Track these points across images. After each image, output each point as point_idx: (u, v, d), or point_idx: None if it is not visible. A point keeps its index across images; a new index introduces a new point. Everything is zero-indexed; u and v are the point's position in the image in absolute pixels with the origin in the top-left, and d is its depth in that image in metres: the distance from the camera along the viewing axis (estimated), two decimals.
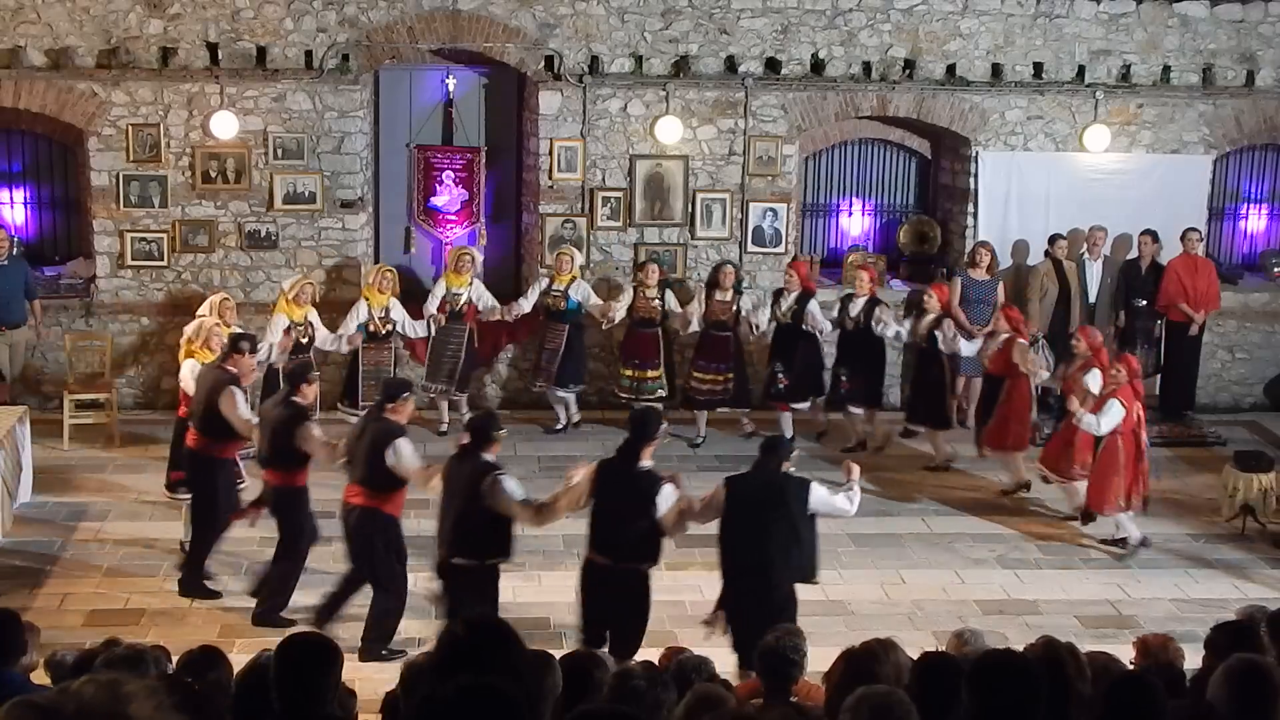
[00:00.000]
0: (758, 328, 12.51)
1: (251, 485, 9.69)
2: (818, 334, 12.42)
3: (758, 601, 7.71)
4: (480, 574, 8.13)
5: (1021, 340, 11.53)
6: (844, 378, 12.38)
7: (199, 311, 10.96)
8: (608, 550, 7.95)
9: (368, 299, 12.23)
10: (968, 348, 12.03)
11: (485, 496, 7.98)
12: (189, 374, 9.95)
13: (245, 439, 9.35)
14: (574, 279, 12.64)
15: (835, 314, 12.45)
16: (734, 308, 12.38)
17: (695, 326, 12.49)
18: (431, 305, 12.51)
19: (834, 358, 12.59)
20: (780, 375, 12.37)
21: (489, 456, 8.15)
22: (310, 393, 9.20)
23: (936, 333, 12.01)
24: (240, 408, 9.19)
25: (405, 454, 8.45)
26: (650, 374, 12.56)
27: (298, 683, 4.43)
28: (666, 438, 9.12)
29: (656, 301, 12.55)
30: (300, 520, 9.12)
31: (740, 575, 7.87)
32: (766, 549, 7.76)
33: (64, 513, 10.78)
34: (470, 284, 12.55)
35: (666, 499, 7.84)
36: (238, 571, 9.69)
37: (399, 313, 12.36)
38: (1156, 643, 6.09)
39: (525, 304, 12.72)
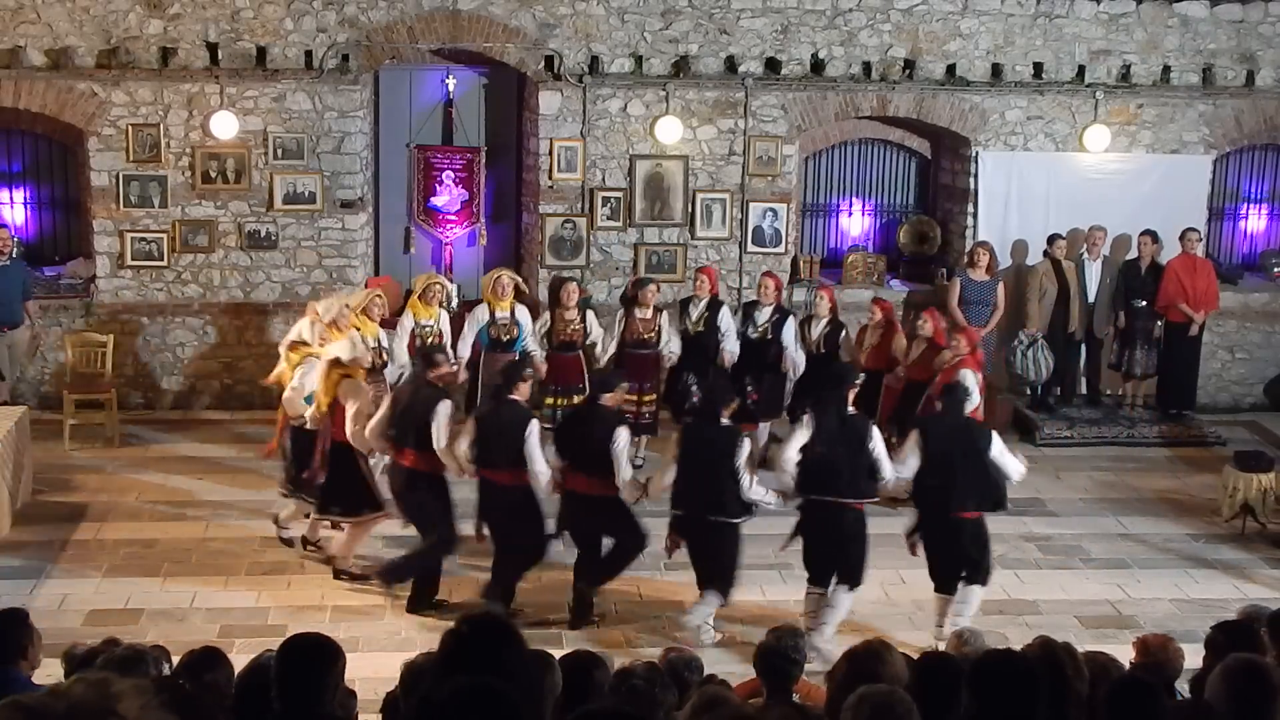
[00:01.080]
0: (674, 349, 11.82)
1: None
2: (721, 346, 11.65)
3: (948, 529, 8.89)
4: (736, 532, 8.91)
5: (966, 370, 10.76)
6: (750, 389, 11.46)
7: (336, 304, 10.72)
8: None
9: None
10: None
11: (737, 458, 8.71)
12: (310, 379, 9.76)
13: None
14: (512, 304, 11.62)
15: (740, 324, 11.77)
16: (656, 326, 11.63)
17: (609, 352, 11.62)
18: (400, 346, 11.23)
19: (735, 368, 11.67)
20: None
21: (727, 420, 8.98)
22: (525, 390, 9.28)
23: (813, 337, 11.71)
24: (448, 425, 9.26)
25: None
26: (577, 399, 11.14)
27: (299, 682, 4.44)
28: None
29: (577, 324, 11.62)
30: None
31: (931, 509, 8.95)
32: (956, 484, 8.76)
33: (64, 513, 10.77)
34: (438, 316, 11.45)
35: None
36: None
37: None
38: (1156, 643, 6.09)
39: (464, 347, 11.53)
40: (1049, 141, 13.60)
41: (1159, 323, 13.33)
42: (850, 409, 8.98)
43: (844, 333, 11.81)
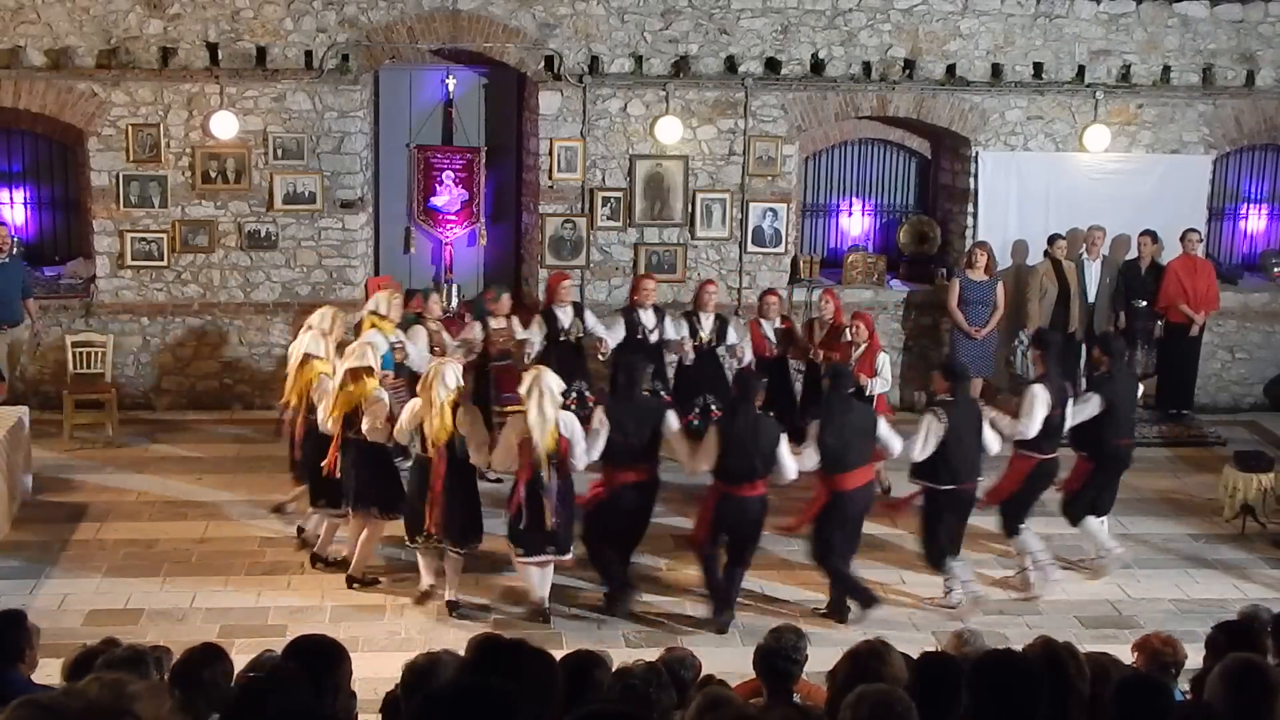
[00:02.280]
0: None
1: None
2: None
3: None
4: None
5: (882, 354, 11.43)
6: (713, 406, 11.15)
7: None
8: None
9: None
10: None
11: None
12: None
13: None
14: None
15: (685, 332, 11.65)
16: (512, 335, 11.40)
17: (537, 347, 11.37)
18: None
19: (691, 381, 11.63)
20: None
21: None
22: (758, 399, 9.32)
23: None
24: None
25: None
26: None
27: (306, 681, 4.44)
28: None
29: (508, 334, 11.41)
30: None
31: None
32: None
33: (64, 513, 10.77)
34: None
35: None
36: None
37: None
38: (1159, 640, 6.09)
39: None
40: (1049, 141, 13.60)
41: (1159, 323, 13.34)
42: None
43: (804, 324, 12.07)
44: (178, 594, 9.47)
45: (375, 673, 7.16)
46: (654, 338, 11.63)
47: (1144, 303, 13.20)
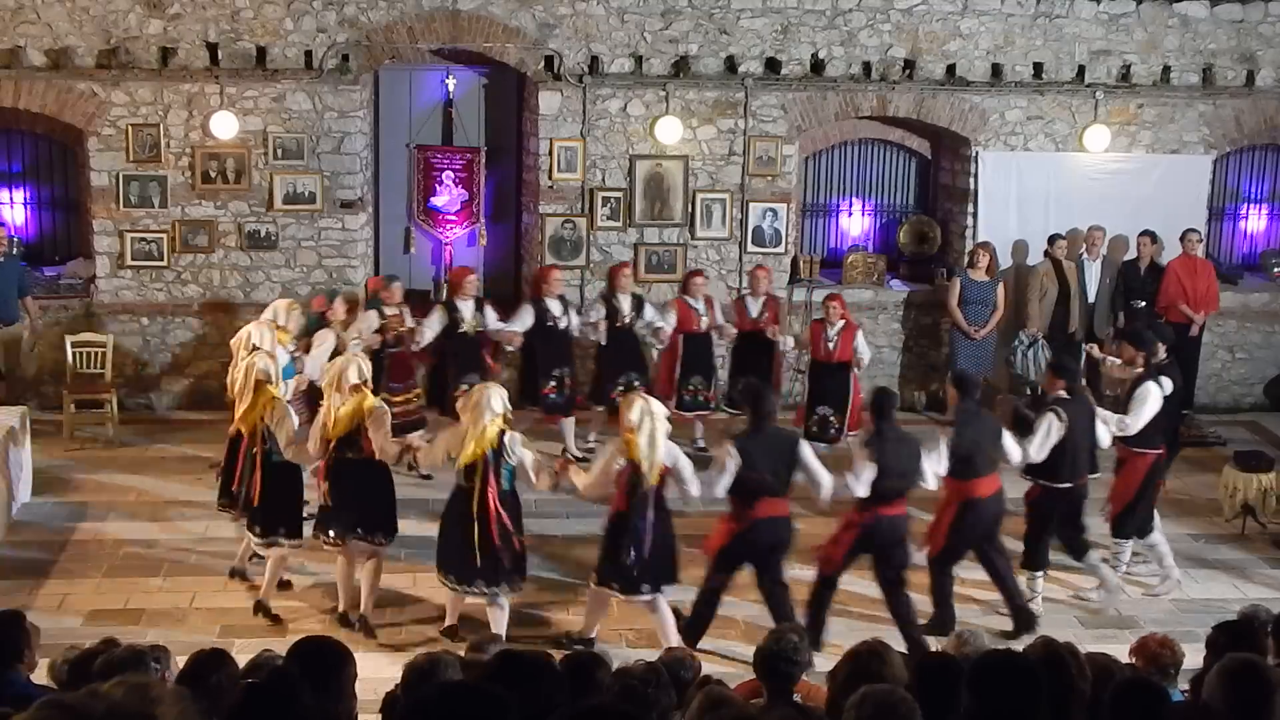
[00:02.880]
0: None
1: None
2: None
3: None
4: None
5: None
6: (637, 383, 11.63)
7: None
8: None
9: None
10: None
11: None
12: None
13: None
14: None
15: (602, 314, 11.97)
16: (406, 323, 11.41)
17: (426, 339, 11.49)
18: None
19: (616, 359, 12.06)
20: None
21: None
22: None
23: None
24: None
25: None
26: (413, 397, 11.36)
27: (310, 684, 4.43)
28: None
29: (401, 321, 11.43)
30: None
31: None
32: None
33: (64, 513, 10.77)
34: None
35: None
36: None
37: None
38: (1156, 643, 6.09)
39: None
40: (1049, 141, 13.60)
41: (1159, 323, 13.32)
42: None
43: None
44: (178, 594, 9.46)
45: (375, 672, 7.15)
46: (561, 325, 11.92)
47: (1143, 303, 13.20)
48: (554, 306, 11.96)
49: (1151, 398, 9.71)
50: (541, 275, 12.25)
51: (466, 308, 11.65)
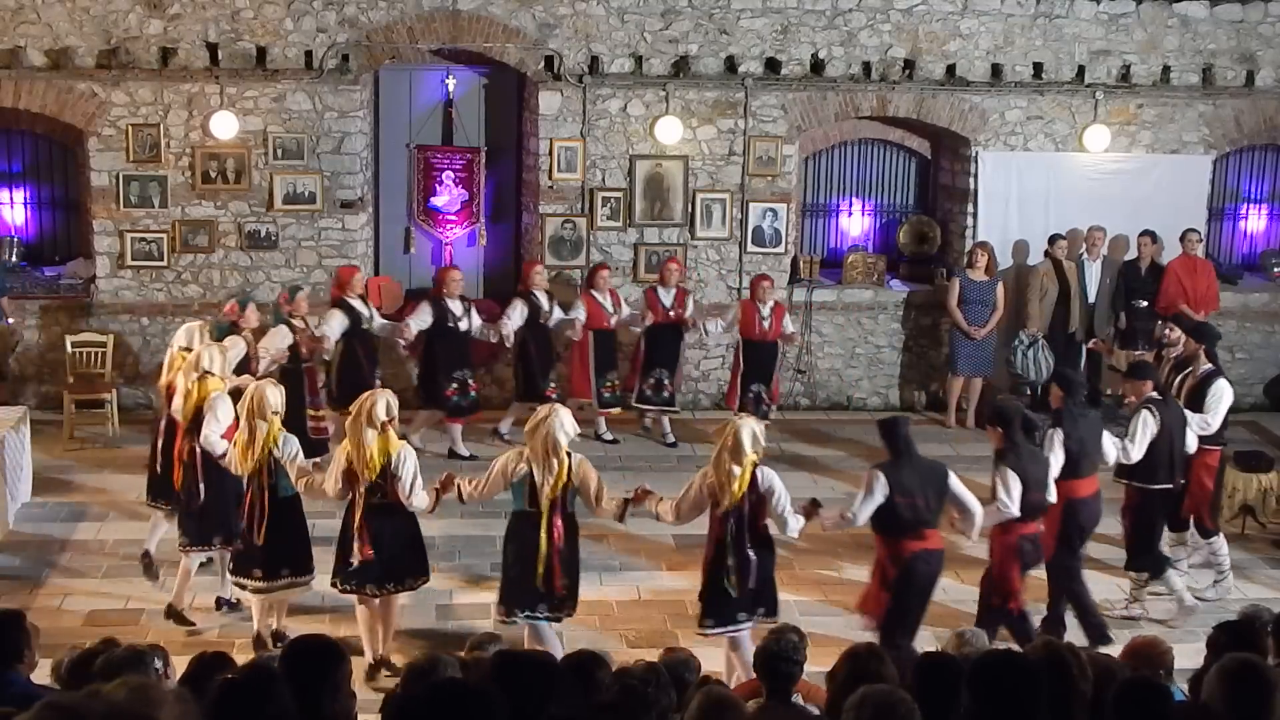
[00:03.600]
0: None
1: None
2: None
3: None
4: None
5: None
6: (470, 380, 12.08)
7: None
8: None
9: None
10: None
11: None
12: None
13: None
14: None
15: (522, 315, 12.05)
16: (313, 334, 11.12)
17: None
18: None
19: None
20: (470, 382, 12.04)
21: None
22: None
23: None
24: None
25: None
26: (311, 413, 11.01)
27: (304, 684, 4.44)
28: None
29: (309, 333, 11.17)
30: None
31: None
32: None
33: (64, 514, 10.77)
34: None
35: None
36: None
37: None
38: (1142, 644, 6.09)
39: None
40: (1049, 141, 13.61)
41: (1159, 323, 13.32)
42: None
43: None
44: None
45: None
46: (462, 326, 11.94)
47: (1144, 303, 13.20)
48: (455, 307, 11.93)
49: (1226, 393, 9.65)
50: (441, 276, 12.21)
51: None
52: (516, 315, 12.05)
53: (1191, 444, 9.47)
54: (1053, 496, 8.57)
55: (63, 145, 13.30)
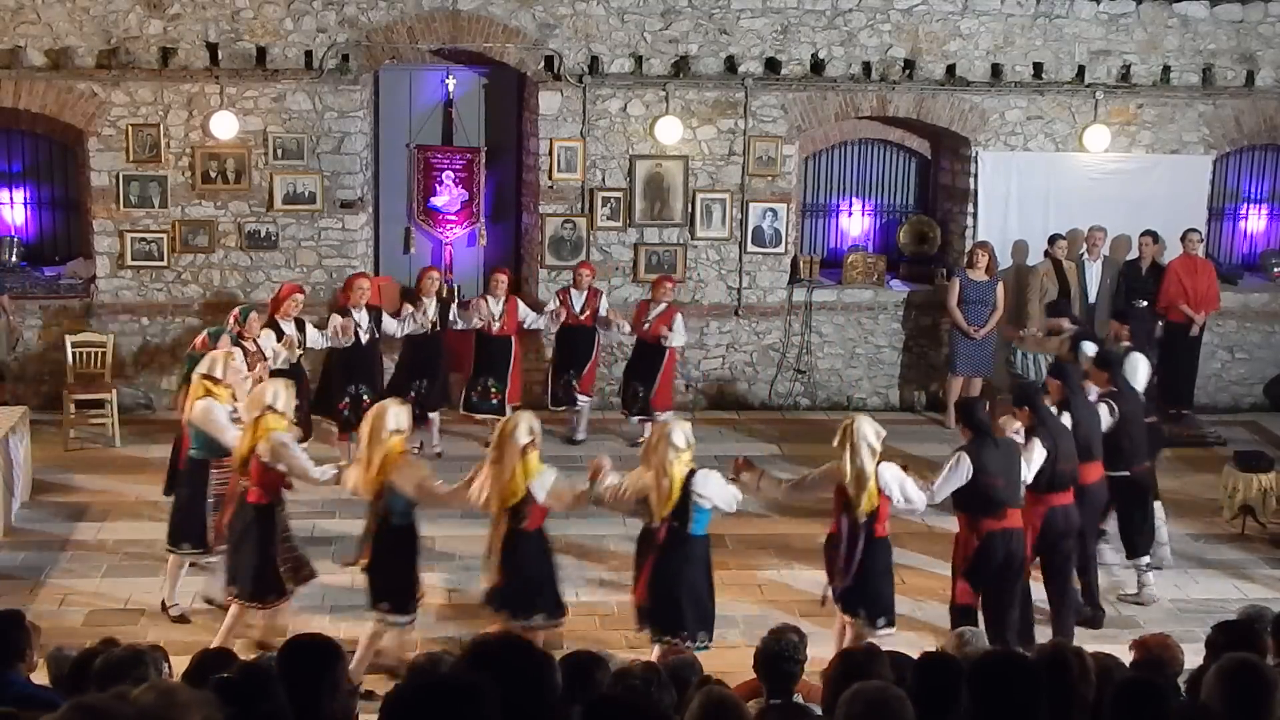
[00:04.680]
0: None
1: None
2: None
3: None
4: None
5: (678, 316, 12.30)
6: (365, 396, 11.32)
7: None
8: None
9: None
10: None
11: None
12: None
13: None
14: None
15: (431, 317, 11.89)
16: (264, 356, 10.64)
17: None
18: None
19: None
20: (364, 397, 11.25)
21: None
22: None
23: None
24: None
25: None
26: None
27: (301, 682, 4.44)
28: None
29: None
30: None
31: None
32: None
33: (64, 513, 10.78)
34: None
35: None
36: None
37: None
38: (1155, 643, 6.09)
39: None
40: (1049, 141, 13.60)
41: (1159, 323, 13.33)
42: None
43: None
44: (177, 594, 9.45)
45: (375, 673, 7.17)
46: (365, 339, 11.50)
47: (1144, 303, 13.20)
48: (360, 318, 11.54)
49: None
50: (348, 285, 11.76)
51: (289, 326, 11.14)
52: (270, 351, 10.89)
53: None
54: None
55: (63, 145, 13.30)
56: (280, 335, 10.99)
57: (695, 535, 7.93)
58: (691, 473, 7.88)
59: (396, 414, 8.09)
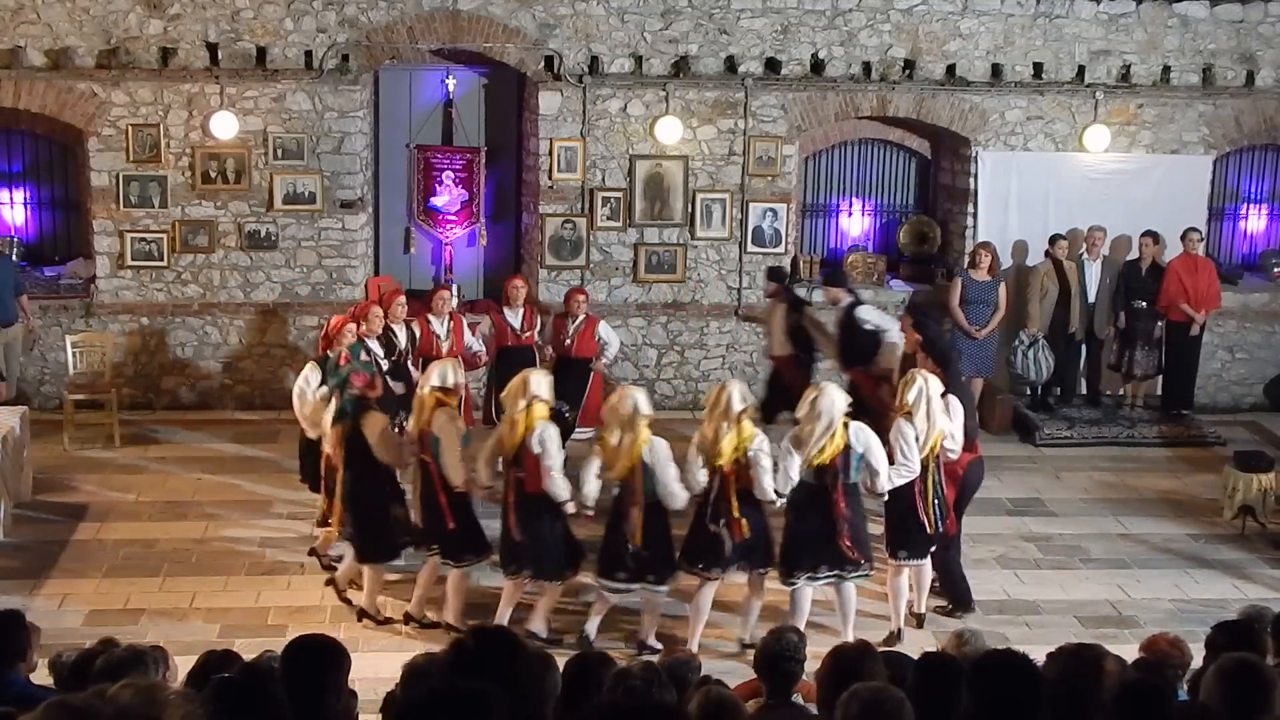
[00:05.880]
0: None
1: None
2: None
3: None
4: None
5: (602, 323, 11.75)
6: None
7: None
8: None
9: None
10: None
11: None
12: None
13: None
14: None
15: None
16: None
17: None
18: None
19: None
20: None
21: None
22: None
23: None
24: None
25: None
26: None
27: (304, 682, 4.44)
28: None
29: None
30: None
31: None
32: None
33: (64, 513, 10.77)
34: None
35: None
36: None
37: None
38: (1165, 642, 6.07)
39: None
40: (1049, 141, 13.60)
41: (1159, 323, 13.33)
42: None
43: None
44: (178, 594, 9.47)
45: (375, 673, 7.15)
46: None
47: (1144, 303, 13.20)
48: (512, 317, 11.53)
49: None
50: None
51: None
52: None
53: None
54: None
55: (63, 145, 13.30)
56: (391, 340, 10.81)
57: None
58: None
59: (642, 400, 8.59)
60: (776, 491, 8.55)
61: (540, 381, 8.71)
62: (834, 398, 8.48)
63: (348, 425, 8.95)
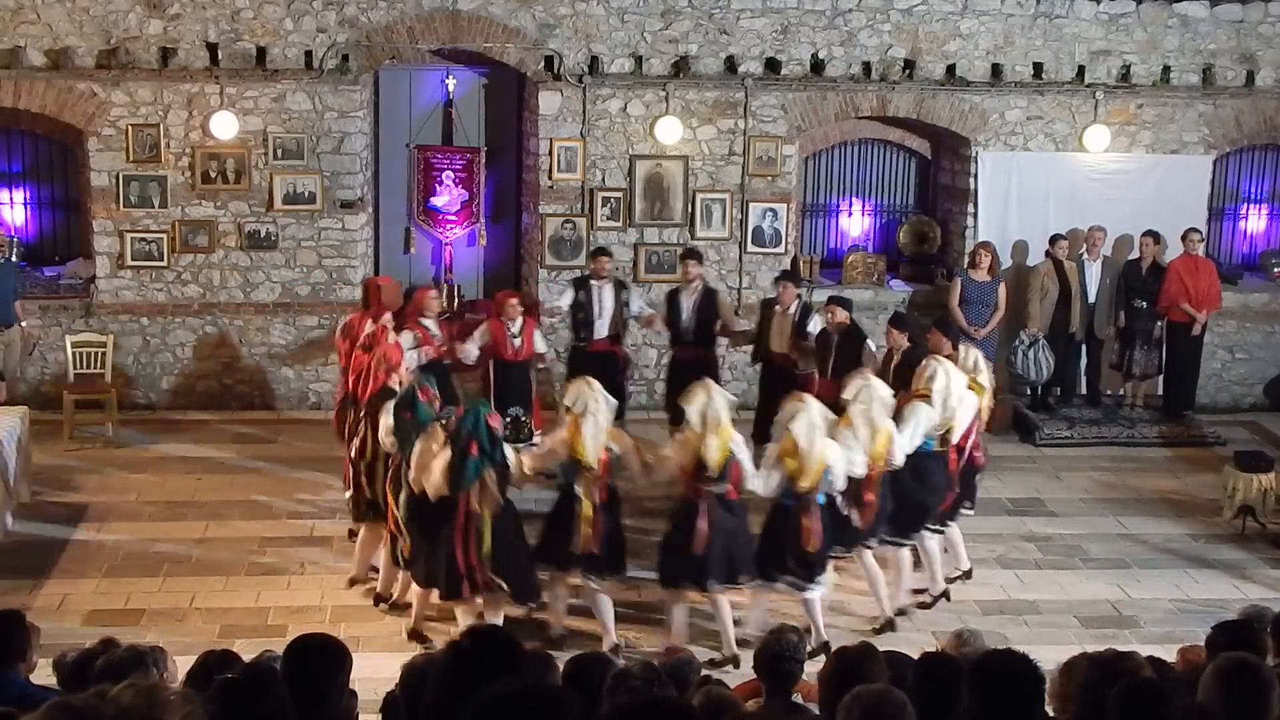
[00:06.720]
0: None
1: None
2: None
3: None
4: None
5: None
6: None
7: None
8: None
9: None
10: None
11: None
12: None
13: None
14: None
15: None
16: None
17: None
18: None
19: None
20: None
21: None
22: None
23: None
24: None
25: None
26: None
27: (307, 682, 4.44)
28: None
29: None
30: None
31: None
32: None
33: (64, 513, 10.77)
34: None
35: None
36: None
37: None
38: (1197, 654, 6.04)
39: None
40: (1049, 141, 13.60)
41: (1159, 323, 13.33)
42: None
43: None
44: (178, 594, 9.47)
45: (375, 673, 7.14)
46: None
47: (1144, 303, 13.20)
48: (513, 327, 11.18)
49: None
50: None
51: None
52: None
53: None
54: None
55: (63, 145, 13.30)
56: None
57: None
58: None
59: (720, 399, 8.65)
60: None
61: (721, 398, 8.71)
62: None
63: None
